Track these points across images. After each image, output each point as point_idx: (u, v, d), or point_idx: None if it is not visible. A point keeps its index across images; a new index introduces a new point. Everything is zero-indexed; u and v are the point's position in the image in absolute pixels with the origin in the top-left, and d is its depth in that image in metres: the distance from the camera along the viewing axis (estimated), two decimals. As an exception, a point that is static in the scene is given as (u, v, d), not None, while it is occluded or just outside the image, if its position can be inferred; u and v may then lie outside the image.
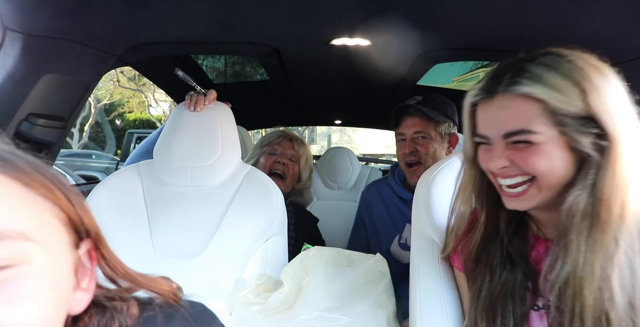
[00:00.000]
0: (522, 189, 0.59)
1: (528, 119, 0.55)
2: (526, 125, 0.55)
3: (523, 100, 0.56)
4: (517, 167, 0.58)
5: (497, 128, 0.59)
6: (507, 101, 0.57)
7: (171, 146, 1.08)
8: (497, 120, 0.59)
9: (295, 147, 1.58)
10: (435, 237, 0.85)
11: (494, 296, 0.63)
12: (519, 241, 0.65)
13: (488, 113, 0.60)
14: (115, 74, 12.19)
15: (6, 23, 0.85)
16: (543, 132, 0.55)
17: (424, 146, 1.29)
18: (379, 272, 0.95)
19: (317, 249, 0.98)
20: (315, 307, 0.84)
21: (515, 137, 0.57)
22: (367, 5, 0.90)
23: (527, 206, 0.60)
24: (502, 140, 0.59)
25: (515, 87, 0.56)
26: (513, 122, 0.56)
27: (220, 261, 1.02)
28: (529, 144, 0.56)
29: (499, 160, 0.59)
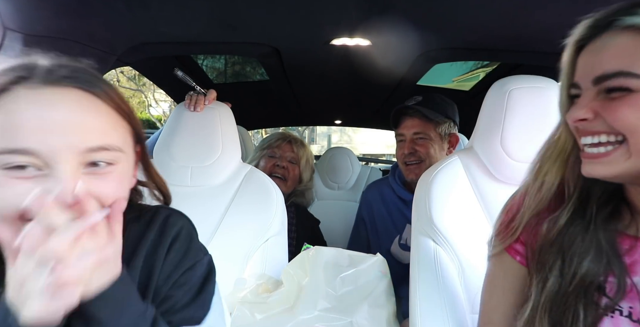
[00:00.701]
0: (604, 150, 0.47)
1: (632, 58, 0.43)
2: (627, 66, 0.43)
3: (632, 35, 0.44)
4: (603, 122, 0.46)
5: (590, 72, 0.47)
6: (612, 38, 0.46)
7: (171, 146, 1.08)
8: (593, 63, 0.47)
9: (295, 149, 1.58)
10: (435, 237, 0.85)
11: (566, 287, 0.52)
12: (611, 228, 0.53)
13: (587, 55, 0.49)
14: (115, 74, 12.18)
15: (6, 23, 0.85)
16: None
17: (423, 147, 1.29)
18: (379, 272, 0.95)
19: (317, 249, 0.98)
20: (315, 307, 0.84)
21: (609, 81, 0.45)
22: (367, 5, 0.90)
23: (607, 173, 0.48)
24: (592, 87, 0.47)
25: (627, 18, 0.44)
26: (610, 62, 0.45)
27: (220, 260, 1.01)
28: (626, 92, 0.44)
29: (579, 111, 0.47)
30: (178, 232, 0.58)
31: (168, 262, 0.55)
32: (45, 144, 0.41)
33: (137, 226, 0.57)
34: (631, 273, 0.49)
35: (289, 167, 1.55)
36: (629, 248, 0.51)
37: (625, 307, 0.49)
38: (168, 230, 0.57)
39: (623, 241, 0.52)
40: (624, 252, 0.51)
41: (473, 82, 1.81)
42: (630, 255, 0.51)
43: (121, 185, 0.48)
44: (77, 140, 0.43)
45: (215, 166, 1.09)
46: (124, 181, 0.49)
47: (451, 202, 0.86)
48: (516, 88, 0.85)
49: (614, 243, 0.51)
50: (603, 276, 0.50)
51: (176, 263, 0.56)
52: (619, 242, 0.52)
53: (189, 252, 0.58)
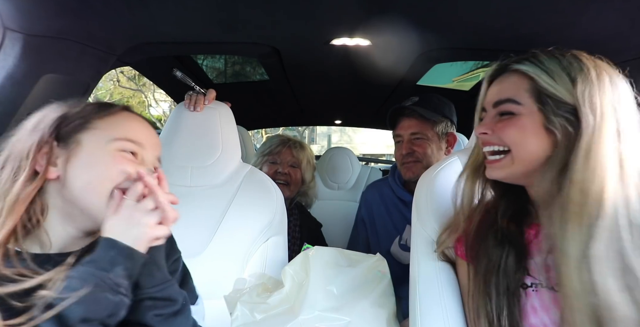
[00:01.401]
0: (498, 157, 0.66)
1: (516, 91, 0.63)
2: (513, 96, 0.63)
3: (519, 76, 0.64)
4: (496, 136, 0.65)
5: (492, 98, 0.67)
6: (507, 76, 0.66)
7: (171, 146, 1.08)
8: (495, 91, 0.67)
9: (295, 153, 1.60)
10: (435, 238, 0.85)
11: (488, 275, 0.67)
12: (514, 224, 0.69)
13: (493, 86, 0.69)
14: (115, 74, 12.17)
15: (6, 23, 0.85)
16: (525, 104, 0.62)
17: (421, 147, 1.29)
18: (378, 272, 0.95)
19: (317, 249, 0.97)
20: (315, 307, 0.84)
21: (503, 106, 0.65)
22: (367, 5, 0.90)
23: (500, 175, 0.66)
24: (492, 109, 0.67)
25: (517, 65, 0.64)
26: (504, 92, 0.65)
27: (220, 260, 1.02)
28: (511, 115, 0.63)
29: (482, 127, 0.67)
30: None
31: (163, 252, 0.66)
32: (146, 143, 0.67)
33: None
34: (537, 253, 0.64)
35: (291, 172, 1.57)
36: (535, 233, 0.67)
37: (543, 279, 0.63)
38: None
39: (531, 229, 0.68)
40: (532, 237, 0.66)
41: (473, 82, 1.81)
42: (537, 238, 0.66)
43: None
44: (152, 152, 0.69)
45: (215, 166, 1.09)
46: None
47: (451, 203, 0.86)
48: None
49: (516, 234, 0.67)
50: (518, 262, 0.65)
51: (167, 253, 0.68)
52: (527, 231, 0.68)
53: (173, 245, 0.75)
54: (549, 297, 0.61)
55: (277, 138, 1.65)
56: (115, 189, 0.60)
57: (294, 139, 1.66)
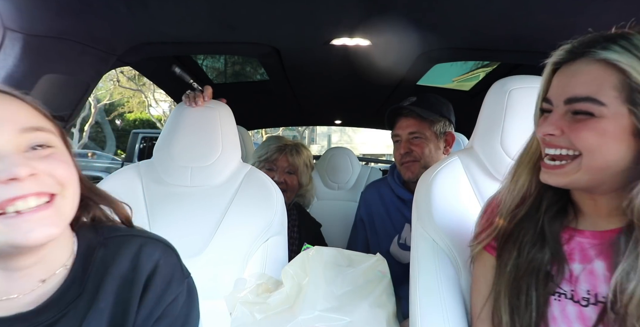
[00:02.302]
0: (559, 163, 0.55)
1: (599, 87, 0.50)
2: (594, 93, 0.50)
3: (603, 66, 0.50)
4: (566, 139, 0.53)
5: (563, 92, 0.54)
6: (586, 66, 0.52)
7: (171, 146, 1.08)
8: (567, 84, 0.54)
9: (291, 160, 1.58)
10: (436, 237, 0.85)
11: (520, 273, 0.60)
12: (556, 223, 0.61)
13: (562, 76, 0.55)
14: (115, 74, 12.18)
15: (6, 23, 0.85)
16: (610, 105, 0.49)
17: (419, 146, 1.29)
18: (378, 272, 0.95)
19: (317, 249, 0.97)
20: (315, 307, 0.84)
21: (578, 104, 0.51)
22: (367, 5, 0.90)
23: (560, 182, 0.56)
24: (563, 106, 0.54)
25: (601, 52, 0.50)
26: (581, 87, 0.51)
27: (220, 260, 1.02)
28: (589, 116, 0.51)
29: (550, 126, 0.55)
30: (155, 266, 0.53)
31: (147, 301, 0.51)
32: None
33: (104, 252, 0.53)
34: (570, 260, 0.58)
35: (287, 180, 1.56)
36: (568, 238, 0.60)
37: (567, 290, 0.57)
38: (143, 264, 0.52)
39: (565, 232, 0.61)
40: (564, 242, 0.60)
41: (473, 82, 1.81)
42: (569, 244, 0.60)
43: (68, 166, 0.50)
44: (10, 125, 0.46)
45: (215, 166, 1.09)
46: (69, 164, 0.50)
47: (451, 202, 0.86)
48: (516, 88, 0.85)
49: (557, 235, 0.61)
50: (549, 264, 0.59)
51: (157, 300, 0.52)
52: (562, 234, 0.61)
53: (171, 285, 0.54)
54: (574, 310, 0.56)
55: (273, 143, 1.63)
56: None
57: (290, 143, 1.65)
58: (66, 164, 0.49)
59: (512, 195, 0.65)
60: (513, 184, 0.65)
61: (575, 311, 0.56)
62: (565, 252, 0.59)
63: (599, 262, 0.56)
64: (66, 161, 0.50)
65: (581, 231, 0.60)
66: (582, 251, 0.58)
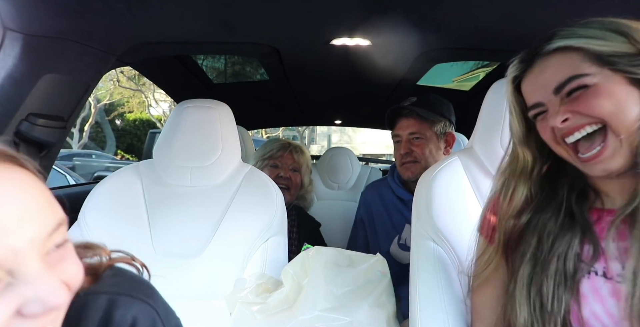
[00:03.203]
0: (596, 151, 0.53)
1: (573, 66, 0.52)
2: (573, 72, 0.52)
3: (562, 53, 0.54)
4: (581, 116, 0.53)
5: (545, 88, 0.55)
6: (546, 61, 0.56)
7: (171, 146, 1.08)
8: (543, 81, 0.56)
9: (296, 157, 1.61)
10: (435, 237, 0.85)
11: (541, 262, 0.58)
12: (582, 204, 0.60)
13: (532, 81, 0.58)
14: (115, 74, 12.18)
15: (6, 23, 0.85)
16: (593, 73, 0.51)
17: (419, 147, 1.29)
18: (378, 272, 0.95)
19: (317, 249, 0.97)
20: (315, 307, 0.84)
21: (567, 86, 0.53)
22: (367, 5, 0.90)
23: (615, 164, 0.52)
24: (554, 97, 0.55)
25: (551, 45, 0.54)
26: (558, 75, 0.54)
27: (220, 260, 1.02)
28: (585, 89, 0.52)
29: (557, 116, 0.54)
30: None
31: None
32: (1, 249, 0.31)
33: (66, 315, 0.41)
34: (600, 239, 0.57)
35: (292, 176, 1.58)
36: (597, 218, 0.59)
37: (599, 268, 0.56)
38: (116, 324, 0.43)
39: (592, 213, 0.60)
40: (593, 222, 0.59)
41: (473, 82, 1.81)
42: (598, 224, 0.59)
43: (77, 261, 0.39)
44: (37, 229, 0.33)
45: (215, 166, 1.09)
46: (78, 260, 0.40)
47: (451, 202, 0.86)
48: (516, 88, 0.85)
49: (585, 215, 0.59)
50: (579, 245, 0.58)
51: None
52: (590, 215, 0.60)
53: None
54: (607, 287, 0.55)
55: (277, 142, 1.66)
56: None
57: (294, 143, 1.67)
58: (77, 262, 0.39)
59: (510, 206, 0.64)
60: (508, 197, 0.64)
61: (609, 287, 0.55)
62: (596, 231, 0.58)
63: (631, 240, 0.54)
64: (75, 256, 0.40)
65: (610, 210, 0.58)
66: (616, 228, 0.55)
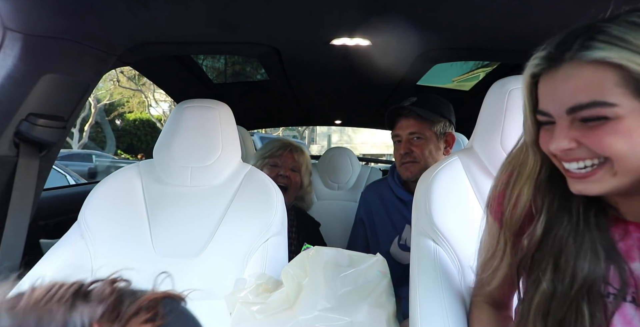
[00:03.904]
0: (589, 170, 0.49)
1: (601, 89, 0.45)
2: (599, 97, 0.45)
3: (595, 67, 0.45)
4: (587, 150, 0.48)
5: (561, 102, 0.48)
6: (575, 70, 0.47)
7: (171, 146, 1.08)
8: (561, 93, 0.48)
9: (296, 157, 1.62)
10: (436, 237, 0.85)
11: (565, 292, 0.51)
12: (602, 222, 0.53)
13: (550, 85, 0.50)
14: (115, 74, 12.19)
15: (6, 23, 0.85)
16: (622, 104, 0.44)
17: (419, 147, 1.29)
18: (378, 272, 0.95)
19: (317, 249, 0.97)
20: (315, 307, 0.84)
21: (584, 111, 0.46)
22: (367, 5, 0.90)
23: (596, 190, 0.49)
24: (566, 117, 0.48)
25: (586, 53, 0.45)
26: (581, 94, 0.46)
27: (220, 260, 1.02)
28: (603, 120, 0.45)
29: (562, 141, 0.49)
30: None
31: None
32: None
33: None
34: (628, 259, 0.50)
35: (291, 176, 1.58)
36: (623, 233, 0.52)
37: (628, 293, 0.49)
38: None
39: (617, 227, 0.53)
40: (618, 239, 0.52)
41: (473, 82, 1.81)
42: (625, 241, 0.52)
43: None
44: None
45: (215, 166, 1.09)
46: None
47: (451, 203, 0.86)
48: (516, 88, 0.85)
49: (608, 236, 0.52)
50: (605, 271, 0.50)
51: None
52: (613, 231, 0.52)
53: None
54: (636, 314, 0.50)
55: (278, 142, 1.67)
56: None
57: (294, 143, 1.68)
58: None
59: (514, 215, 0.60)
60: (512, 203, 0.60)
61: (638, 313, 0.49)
62: (622, 250, 0.51)
63: None
64: None
65: (636, 224, 0.52)
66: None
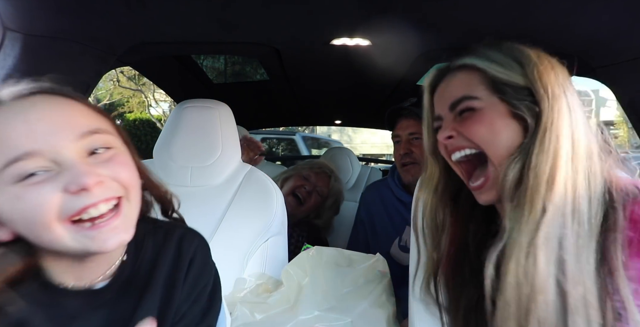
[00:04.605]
0: (481, 182, 0.59)
1: (469, 85, 0.59)
2: (468, 92, 0.59)
3: (466, 71, 0.60)
4: (463, 138, 0.59)
5: (445, 102, 0.62)
6: (453, 75, 0.62)
7: (171, 146, 1.08)
8: (445, 94, 0.63)
9: (331, 183, 1.62)
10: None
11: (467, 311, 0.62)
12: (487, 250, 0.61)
13: (439, 92, 0.64)
14: (115, 74, 12.18)
15: (6, 23, 0.85)
16: (483, 98, 0.58)
17: (419, 147, 1.28)
18: (378, 272, 0.95)
19: (317, 249, 0.98)
20: (315, 307, 0.84)
21: (460, 105, 0.59)
22: (367, 5, 0.90)
23: (490, 197, 0.59)
24: (450, 113, 0.61)
25: (460, 61, 0.61)
26: (457, 90, 0.60)
27: (220, 260, 1.01)
28: (472, 112, 0.58)
29: (444, 131, 0.61)
30: (194, 253, 0.61)
31: (187, 283, 0.58)
32: (42, 143, 0.44)
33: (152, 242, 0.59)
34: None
35: (313, 196, 1.58)
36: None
37: None
38: (185, 252, 0.60)
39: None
40: None
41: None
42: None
43: (130, 167, 0.51)
44: (69, 131, 0.46)
45: (215, 165, 1.09)
46: (130, 166, 0.52)
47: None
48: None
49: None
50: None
51: (193, 283, 0.59)
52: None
53: (204, 271, 0.61)
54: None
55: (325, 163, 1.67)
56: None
57: (336, 173, 1.68)
58: (127, 166, 0.51)
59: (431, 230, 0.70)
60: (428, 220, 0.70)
61: None
62: None
63: None
64: (127, 162, 0.51)
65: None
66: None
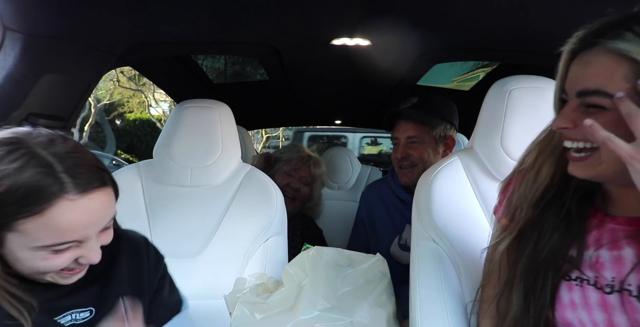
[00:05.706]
0: (584, 155, 0.53)
1: (609, 78, 0.47)
2: (604, 86, 0.48)
3: (614, 57, 0.48)
4: (580, 132, 0.52)
5: (575, 84, 0.52)
6: (596, 56, 0.50)
7: (171, 146, 1.08)
8: (578, 76, 0.52)
9: (312, 170, 1.63)
10: (436, 238, 0.85)
11: (538, 257, 0.60)
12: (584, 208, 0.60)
13: (575, 67, 0.53)
14: (115, 74, 12.17)
15: (6, 23, 0.85)
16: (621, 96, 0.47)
17: (416, 151, 1.27)
18: (378, 272, 0.95)
19: (317, 249, 0.98)
20: (315, 307, 0.84)
21: (589, 98, 0.50)
22: (367, 5, 0.90)
23: (586, 174, 0.54)
24: (576, 99, 0.52)
25: (612, 41, 0.47)
26: (592, 79, 0.49)
27: (220, 260, 1.02)
28: (601, 109, 0.49)
29: (562, 120, 0.53)
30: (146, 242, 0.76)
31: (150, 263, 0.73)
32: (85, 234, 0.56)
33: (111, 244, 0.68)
34: (598, 246, 0.56)
35: (301, 188, 1.60)
36: (599, 223, 0.58)
37: (591, 276, 0.56)
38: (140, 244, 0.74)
39: (595, 217, 0.59)
40: (593, 226, 0.58)
41: (473, 82, 1.81)
42: (599, 229, 0.57)
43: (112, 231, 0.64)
44: (107, 219, 0.59)
45: (215, 166, 1.09)
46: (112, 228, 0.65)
47: (451, 202, 0.86)
48: (516, 88, 0.85)
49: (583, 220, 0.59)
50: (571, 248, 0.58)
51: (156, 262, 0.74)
52: (590, 218, 0.59)
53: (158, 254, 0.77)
54: (596, 297, 0.55)
55: (298, 153, 1.66)
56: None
57: (313, 156, 1.69)
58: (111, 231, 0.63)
59: (533, 188, 0.63)
60: (533, 175, 0.63)
61: (597, 297, 0.55)
62: (594, 237, 0.57)
63: (628, 249, 0.53)
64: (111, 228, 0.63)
65: (614, 217, 0.57)
66: (613, 237, 0.55)
